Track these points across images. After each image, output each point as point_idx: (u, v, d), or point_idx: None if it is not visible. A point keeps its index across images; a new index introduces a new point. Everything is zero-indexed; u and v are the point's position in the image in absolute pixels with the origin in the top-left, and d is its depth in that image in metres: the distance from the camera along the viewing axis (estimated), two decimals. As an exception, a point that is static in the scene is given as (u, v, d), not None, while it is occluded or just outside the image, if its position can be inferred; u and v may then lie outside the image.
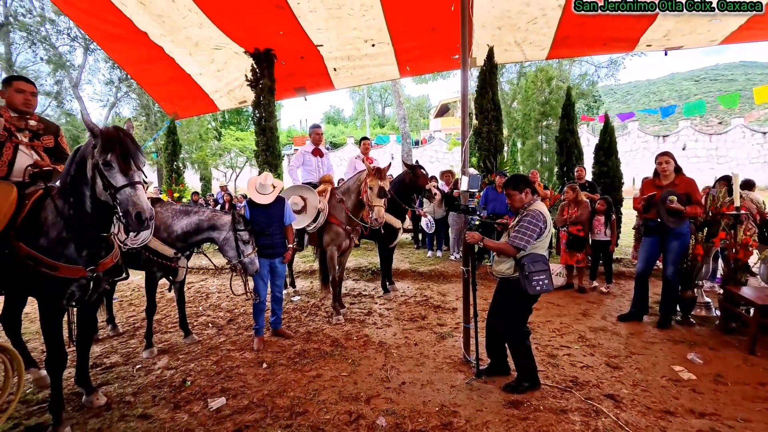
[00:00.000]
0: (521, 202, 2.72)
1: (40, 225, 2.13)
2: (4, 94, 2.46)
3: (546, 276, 2.58)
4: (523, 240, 2.57)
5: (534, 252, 2.62)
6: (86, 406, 2.64)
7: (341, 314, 4.24)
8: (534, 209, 2.63)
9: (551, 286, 2.62)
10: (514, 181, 2.76)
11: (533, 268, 2.56)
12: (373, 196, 3.94)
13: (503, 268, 2.76)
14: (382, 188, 3.97)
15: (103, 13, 5.48)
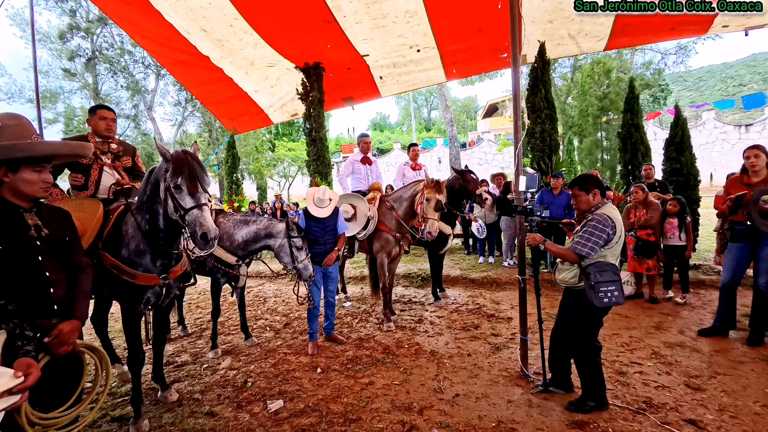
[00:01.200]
0: (588, 205, 2.53)
1: (121, 237, 2.38)
2: (90, 122, 2.80)
3: (616, 287, 2.36)
4: (586, 246, 2.38)
5: (601, 260, 2.41)
6: (161, 401, 2.89)
7: (392, 321, 4.24)
8: (601, 213, 2.42)
9: (622, 298, 2.38)
10: (581, 180, 2.56)
11: (600, 278, 2.35)
12: (429, 208, 3.91)
13: (567, 276, 2.57)
14: (439, 202, 3.93)
15: (171, 42, 6.06)
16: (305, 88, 6.72)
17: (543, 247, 2.64)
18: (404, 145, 29.20)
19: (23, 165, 1.55)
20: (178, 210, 2.13)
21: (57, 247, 1.66)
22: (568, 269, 2.56)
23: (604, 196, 2.55)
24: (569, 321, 2.62)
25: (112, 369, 2.95)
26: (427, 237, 3.91)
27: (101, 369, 1.79)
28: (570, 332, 2.62)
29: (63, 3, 18.60)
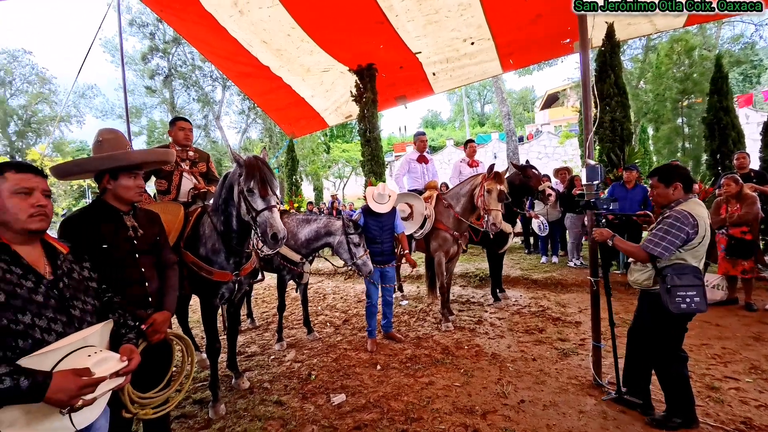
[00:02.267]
0: (666, 199, 2.27)
1: (199, 237, 2.60)
2: (171, 133, 3.10)
3: (697, 293, 2.09)
4: (659, 246, 2.14)
5: (681, 262, 2.16)
6: (234, 388, 3.11)
7: (450, 321, 4.17)
8: (681, 209, 2.15)
9: (704, 305, 2.11)
10: (663, 171, 2.28)
11: (678, 281, 2.11)
12: (491, 199, 3.79)
13: (640, 278, 2.34)
14: (502, 192, 3.79)
15: (236, 56, 6.51)
16: (359, 90, 6.83)
17: (611, 243, 2.42)
18: (457, 141, 28.57)
19: (121, 173, 1.75)
20: (250, 212, 2.28)
21: (150, 246, 1.86)
22: (641, 270, 2.33)
23: (689, 190, 2.26)
24: (646, 327, 2.38)
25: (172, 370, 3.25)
26: (492, 229, 3.77)
27: (187, 356, 1.97)
28: (648, 339, 2.37)
29: (144, 28, 20.86)
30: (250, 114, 21.39)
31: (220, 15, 5.03)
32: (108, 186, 1.75)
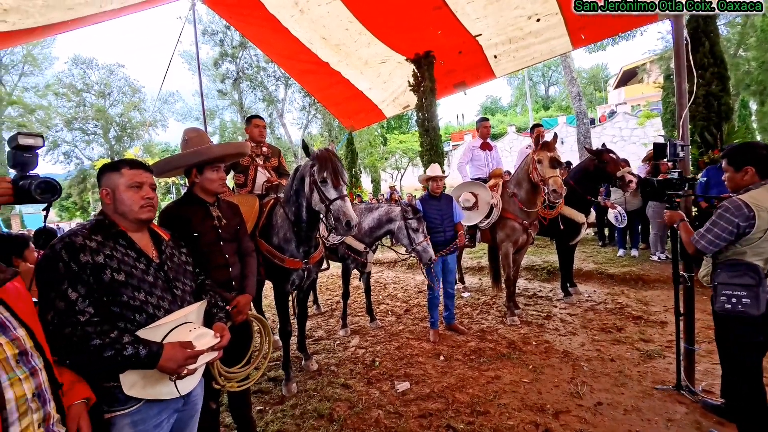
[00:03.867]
0: (735, 184, 1.97)
1: (273, 227, 2.77)
2: (247, 130, 3.33)
3: (748, 294, 1.81)
4: (704, 239, 1.92)
5: (737, 258, 1.88)
6: (304, 369, 3.31)
7: (516, 315, 4.00)
8: (737, 199, 1.86)
9: (755, 308, 1.81)
10: (734, 152, 1.98)
11: (727, 278, 1.88)
12: (544, 168, 3.60)
13: (702, 272, 2.14)
14: (553, 158, 3.59)
15: (298, 54, 6.77)
16: (416, 79, 6.75)
17: (678, 226, 2.19)
18: (519, 127, 27.10)
19: (206, 166, 1.92)
20: (324, 201, 2.39)
21: (232, 234, 2.02)
22: (705, 264, 2.10)
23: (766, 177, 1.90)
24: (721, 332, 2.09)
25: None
26: (553, 197, 3.56)
27: (264, 336, 2.12)
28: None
29: (214, 36, 22.59)
30: (310, 110, 22.33)
31: (283, 16, 5.25)
32: (196, 179, 1.93)
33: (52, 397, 1.03)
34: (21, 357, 0.95)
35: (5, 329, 0.95)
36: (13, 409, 0.89)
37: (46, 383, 1.01)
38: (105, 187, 1.39)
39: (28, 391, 0.94)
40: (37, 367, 0.99)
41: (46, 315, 1.15)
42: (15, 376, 0.92)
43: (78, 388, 1.17)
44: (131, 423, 1.27)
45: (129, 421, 1.27)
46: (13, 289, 1.03)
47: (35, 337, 1.02)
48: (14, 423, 0.89)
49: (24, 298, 1.06)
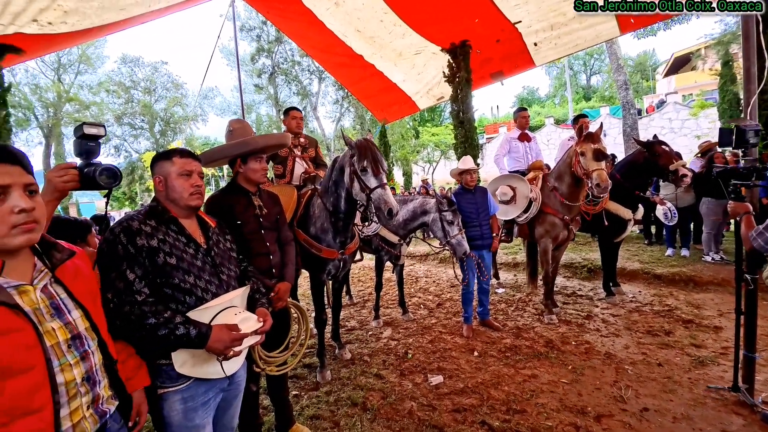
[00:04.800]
0: None
1: (310, 217, 2.82)
2: (285, 122, 3.39)
3: None
4: (762, 237, 1.79)
5: None
6: (338, 357, 3.36)
7: (554, 314, 3.86)
8: None
9: None
10: None
11: None
12: (588, 161, 3.42)
13: (766, 273, 2.00)
14: (597, 150, 3.40)
15: (332, 47, 6.81)
16: (451, 70, 6.59)
17: (741, 219, 2.03)
18: (558, 119, 25.98)
19: (249, 157, 1.97)
20: (364, 190, 2.40)
21: (272, 223, 2.07)
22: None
23: None
24: None
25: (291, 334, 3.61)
26: (597, 191, 3.37)
27: (302, 323, 2.17)
28: None
29: (251, 31, 23.18)
30: (343, 103, 22.51)
31: (318, 9, 5.28)
32: (239, 169, 1.98)
33: (105, 375, 1.07)
34: (73, 341, 0.98)
35: (60, 313, 0.98)
36: (63, 393, 0.93)
37: (98, 364, 1.04)
38: (158, 174, 1.45)
39: (78, 376, 0.97)
40: (89, 350, 1.02)
41: (107, 294, 1.22)
42: (66, 362, 0.95)
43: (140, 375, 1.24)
44: (181, 399, 1.33)
45: (180, 398, 1.33)
46: (72, 269, 1.07)
47: (91, 318, 1.05)
48: (64, 405, 0.93)
49: (84, 278, 1.09)
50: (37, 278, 0.97)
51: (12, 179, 0.89)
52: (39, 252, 1.02)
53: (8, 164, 0.90)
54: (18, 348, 0.85)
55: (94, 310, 1.08)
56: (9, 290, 0.89)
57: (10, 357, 0.84)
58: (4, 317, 0.85)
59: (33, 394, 0.86)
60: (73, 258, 1.08)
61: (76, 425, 0.95)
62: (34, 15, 3.93)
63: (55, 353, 0.93)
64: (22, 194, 0.90)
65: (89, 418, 0.99)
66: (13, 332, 0.85)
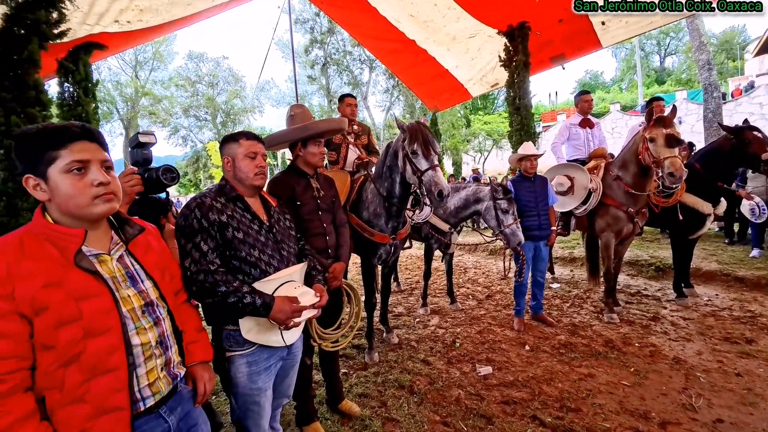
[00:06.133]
0: None
1: (363, 202, 2.86)
2: (340, 108, 3.45)
3: None
4: None
5: None
6: (385, 341, 3.42)
7: (615, 313, 3.61)
8: None
9: None
10: None
11: None
12: (658, 147, 3.10)
13: None
14: (669, 135, 3.07)
15: (385, 34, 6.79)
16: (508, 54, 6.29)
17: None
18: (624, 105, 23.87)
19: (309, 141, 2.04)
20: (415, 172, 2.39)
21: (328, 206, 2.14)
22: None
23: None
24: None
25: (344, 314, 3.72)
26: (670, 181, 3.05)
27: (354, 303, 2.23)
28: None
29: (305, 24, 23.77)
30: (393, 92, 22.47)
31: (371, -5, 5.27)
32: (299, 153, 2.06)
33: (174, 342, 1.16)
34: (147, 308, 1.07)
35: (134, 281, 1.07)
36: (139, 354, 1.02)
37: (168, 331, 1.13)
38: (226, 155, 1.55)
39: (152, 339, 1.06)
40: (161, 316, 1.11)
41: (185, 263, 1.34)
42: (141, 326, 1.03)
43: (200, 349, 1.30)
44: (247, 363, 1.44)
45: (245, 361, 1.44)
46: (143, 243, 1.15)
47: (159, 289, 1.13)
48: (140, 365, 1.02)
49: (154, 252, 1.17)
50: (114, 249, 1.07)
51: (91, 155, 0.98)
52: (115, 226, 1.12)
53: (87, 141, 0.99)
54: (97, 311, 0.94)
55: (162, 283, 1.15)
56: (90, 258, 0.99)
57: (91, 319, 0.93)
58: (86, 282, 0.95)
59: (110, 355, 0.95)
60: (144, 233, 1.17)
61: (151, 384, 1.04)
62: (115, 16, 4.36)
63: (131, 317, 1.02)
64: (99, 169, 0.99)
65: (163, 379, 1.08)
66: (93, 297, 0.95)
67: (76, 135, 0.96)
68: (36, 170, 0.94)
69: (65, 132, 0.95)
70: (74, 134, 0.96)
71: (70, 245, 0.95)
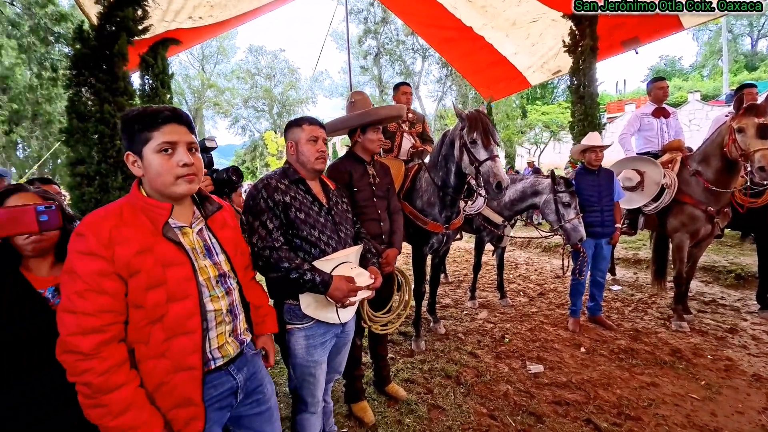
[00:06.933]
0: None
1: (416, 190, 2.86)
2: (395, 97, 3.44)
3: None
4: None
5: None
6: (432, 331, 3.43)
7: (686, 321, 3.30)
8: None
9: None
10: None
11: None
12: (748, 138, 2.75)
13: None
14: (762, 125, 2.70)
15: (440, 21, 6.64)
16: (573, 38, 5.89)
17: None
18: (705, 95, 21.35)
19: (369, 127, 2.07)
20: (473, 162, 2.34)
21: (384, 192, 2.17)
22: None
23: None
24: None
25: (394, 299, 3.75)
26: (760, 177, 2.69)
27: (406, 290, 2.25)
28: None
29: (359, 14, 23.89)
30: (446, 81, 22.00)
31: (428, -19, 5.17)
32: (358, 139, 2.10)
33: (242, 311, 1.26)
34: (220, 278, 1.15)
35: (210, 253, 1.16)
36: (211, 319, 1.11)
37: (237, 300, 1.23)
38: (290, 140, 1.62)
39: (224, 307, 1.15)
40: (231, 287, 1.20)
41: (252, 239, 1.44)
42: (215, 294, 1.13)
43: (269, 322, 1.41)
44: (305, 336, 1.53)
45: (303, 335, 1.53)
46: (220, 220, 1.23)
47: (231, 262, 1.21)
48: (212, 329, 1.12)
49: (228, 229, 1.26)
50: (195, 223, 1.17)
51: (179, 137, 1.06)
52: (197, 202, 1.22)
53: (177, 124, 1.07)
54: (179, 278, 1.04)
55: (234, 257, 1.24)
56: (175, 230, 1.09)
57: (174, 285, 1.03)
58: (171, 251, 1.05)
59: (188, 319, 1.05)
60: (221, 211, 1.26)
61: (221, 347, 1.14)
62: (189, 12, 4.70)
63: (206, 286, 1.11)
64: (185, 151, 1.07)
65: (231, 344, 1.18)
66: (176, 265, 1.05)
67: (167, 118, 1.05)
68: (134, 148, 1.05)
69: (159, 114, 1.05)
70: (166, 117, 1.05)
71: (159, 217, 1.05)
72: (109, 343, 0.95)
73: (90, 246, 0.95)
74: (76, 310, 0.93)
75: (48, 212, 1.01)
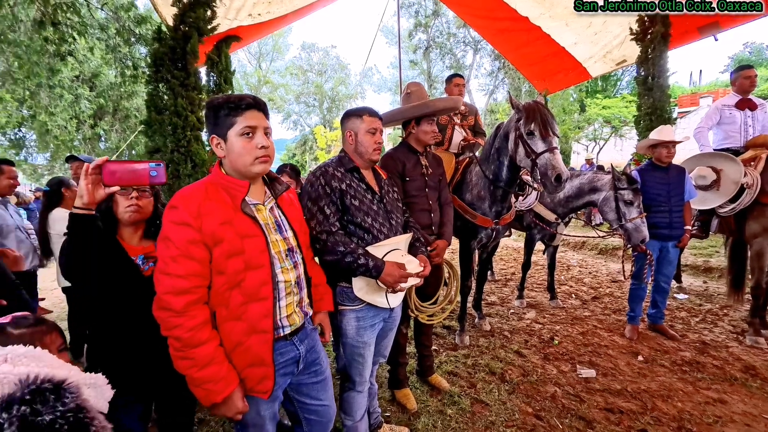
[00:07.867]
0: None
1: (466, 184, 2.83)
2: (447, 89, 3.41)
3: None
4: None
5: None
6: (477, 326, 3.39)
7: (763, 336, 2.98)
8: None
9: None
10: None
11: None
12: None
13: None
14: None
15: (494, 12, 6.43)
16: (643, 24, 5.45)
17: None
18: (802, 86, 18.65)
19: (423, 119, 2.09)
20: (529, 155, 2.27)
21: (435, 183, 2.18)
22: None
23: None
24: None
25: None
26: None
27: (453, 283, 2.26)
28: None
29: (410, 8, 23.69)
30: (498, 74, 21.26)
31: (483, -29, 5.03)
32: (412, 130, 2.13)
33: (306, 285, 1.36)
34: (289, 252, 1.27)
35: (281, 229, 1.28)
36: (282, 289, 1.23)
37: (303, 275, 1.34)
38: (349, 130, 1.68)
39: (292, 279, 1.26)
40: (298, 261, 1.31)
41: (311, 223, 1.53)
42: (284, 266, 1.24)
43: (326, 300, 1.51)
44: (356, 317, 1.60)
45: (354, 316, 1.60)
46: (287, 200, 1.37)
47: (297, 239, 1.34)
48: (282, 299, 1.23)
49: (294, 208, 1.40)
50: (267, 201, 1.29)
51: (258, 122, 1.17)
52: (268, 183, 1.34)
53: (257, 110, 1.18)
54: (255, 249, 1.16)
55: (300, 235, 1.36)
56: (251, 206, 1.21)
57: (251, 255, 1.15)
58: (249, 225, 1.17)
59: (262, 286, 1.16)
60: (288, 191, 1.39)
61: (289, 316, 1.26)
62: (249, 10, 4.97)
63: (277, 258, 1.23)
64: (263, 135, 1.18)
65: (297, 314, 1.29)
66: (253, 237, 1.16)
67: (250, 104, 1.17)
68: (219, 131, 1.17)
69: (242, 102, 1.16)
70: (249, 104, 1.16)
71: (238, 194, 1.18)
72: (196, 303, 1.09)
73: (182, 216, 1.08)
74: (170, 273, 1.06)
75: (157, 169, 1.16)
